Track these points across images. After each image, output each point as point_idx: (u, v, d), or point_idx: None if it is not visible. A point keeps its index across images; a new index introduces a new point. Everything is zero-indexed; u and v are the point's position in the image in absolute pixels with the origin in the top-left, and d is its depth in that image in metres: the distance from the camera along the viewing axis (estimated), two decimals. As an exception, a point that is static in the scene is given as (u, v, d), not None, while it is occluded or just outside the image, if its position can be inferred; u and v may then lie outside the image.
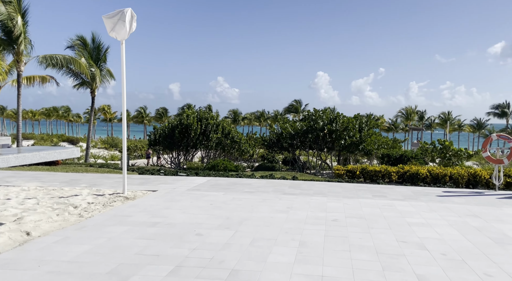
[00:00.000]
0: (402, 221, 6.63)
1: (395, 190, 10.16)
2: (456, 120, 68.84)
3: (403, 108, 68.74)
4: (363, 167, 12.40)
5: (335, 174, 12.69)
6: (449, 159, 20.80)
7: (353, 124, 20.34)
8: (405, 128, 68.55)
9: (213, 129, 21.02)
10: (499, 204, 8.40)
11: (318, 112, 21.04)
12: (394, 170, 12.03)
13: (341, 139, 19.85)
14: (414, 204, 8.15)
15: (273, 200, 8.35)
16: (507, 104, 62.77)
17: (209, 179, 11.54)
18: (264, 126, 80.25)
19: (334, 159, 24.90)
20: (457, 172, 11.51)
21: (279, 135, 21.59)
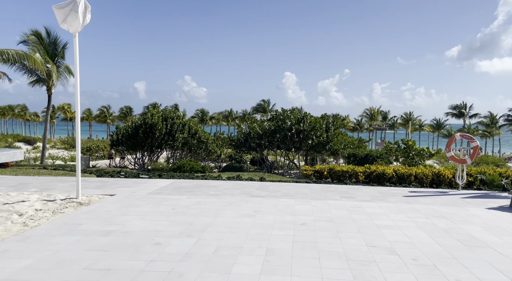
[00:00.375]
0: (371, 224, 6.47)
1: (363, 190, 10.08)
2: (417, 121, 71.35)
3: (367, 109, 70.45)
4: (331, 167, 12.30)
5: (303, 175, 12.51)
6: (412, 158, 21.27)
7: (320, 124, 20.36)
8: (369, 128, 70.23)
9: (179, 129, 20.40)
10: (464, 204, 8.46)
11: (286, 112, 20.90)
12: (361, 170, 12.00)
13: (309, 139, 19.80)
14: (382, 205, 8.05)
15: (240, 203, 8.00)
16: (464, 105, 65.68)
17: (172, 181, 11.02)
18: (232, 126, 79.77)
19: (302, 159, 24.90)
20: (422, 172, 11.62)
21: (247, 135, 21.28)
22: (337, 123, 22.23)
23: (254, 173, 15.00)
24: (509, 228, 6.34)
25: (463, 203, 8.47)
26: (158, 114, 19.75)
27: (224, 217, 6.79)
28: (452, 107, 66.08)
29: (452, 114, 65.73)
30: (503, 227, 6.39)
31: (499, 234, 5.95)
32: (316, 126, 19.99)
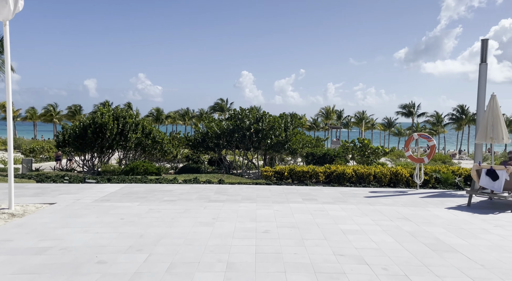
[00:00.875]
0: (336, 229, 6.16)
1: (324, 191, 9.85)
2: (370, 120, 73.88)
3: (323, 108, 71.90)
4: (291, 168, 12.01)
5: (263, 176, 12.13)
6: (367, 157, 21.66)
7: (279, 123, 20.16)
8: (325, 127, 71.72)
9: (132, 129, 19.31)
10: (424, 204, 8.44)
11: (245, 111, 20.48)
12: (321, 170, 11.82)
13: (267, 139, 19.53)
14: (345, 208, 7.81)
15: (197, 210, 7.42)
16: (412, 105, 68.90)
17: (123, 186, 10.19)
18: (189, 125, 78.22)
19: (261, 158, 24.63)
20: (380, 171, 11.64)
21: (204, 135, 20.62)
22: (296, 123, 22.17)
23: (212, 175, 14.43)
24: (471, 229, 6.29)
25: (423, 203, 8.46)
26: (108, 113, 18.56)
27: (179, 226, 6.20)
28: (402, 106, 69.10)
29: (402, 113, 68.72)
30: (465, 228, 6.33)
31: (463, 236, 5.86)
32: (275, 125, 19.77)
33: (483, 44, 10.27)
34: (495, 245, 5.39)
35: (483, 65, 10.24)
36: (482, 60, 10.24)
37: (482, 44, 10.29)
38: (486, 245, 5.37)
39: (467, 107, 67.47)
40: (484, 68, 10.22)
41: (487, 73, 10.21)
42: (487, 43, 10.25)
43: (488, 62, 10.32)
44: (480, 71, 10.25)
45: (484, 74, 10.19)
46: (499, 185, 7.65)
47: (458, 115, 67.36)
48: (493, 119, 9.55)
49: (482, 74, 10.20)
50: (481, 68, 10.25)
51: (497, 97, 9.56)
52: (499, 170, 7.68)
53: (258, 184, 11.32)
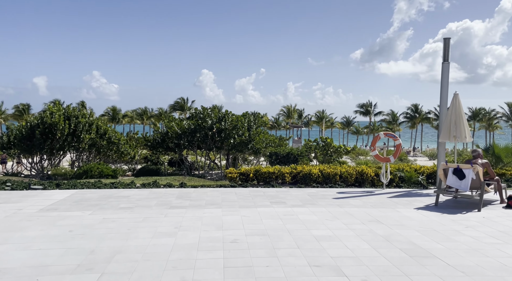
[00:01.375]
0: (309, 235, 5.79)
1: (292, 193, 9.51)
2: (330, 118, 75.31)
3: (284, 107, 72.37)
4: (257, 169, 11.59)
5: (228, 178, 11.61)
6: (330, 155, 21.76)
7: (242, 123, 19.72)
8: (286, 126, 72.22)
9: (85, 129, 18.10)
10: (392, 204, 8.31)
11: (207, 110, 19.83)
12: (287, 171, 11.49)
13: (230, 138, 19.04)
14: (314, 211, 7.49)
15: (157, 218, 6.79)
16: (369, 104, 71.01)
17: (73, 192, 9.30)
18: (147, 124, 75.87)
19: (223, 158, 24.08)
20: (346, 171, 11.50)
21: (164, 134, 19.74)
22: (259, 122, 21.82)
23: (173, 177, 13.71)
24: (443, 231, 6.16)
25: (392, 204, 8.32)
26: (59, 113, 17.23)
27: (137, 238, 5.57)
28: (360, 106, 71.04)
29: (360, 112, 70.60)
30: (438, 230, 6.18)
31: (437, 239, 5.68)
32: (238, 125, 19.30)
33: (445, 43, 10.35)
34: (471, 248, 5.24)
35: (445, 64, 10.33)
36: (444, 59, 10.33)
37: (444, 43, 10.37)
38: (462, 249, 5.20)
39: (421, 106, 70.60)
40: (446, 67, 10.31)
41: (449, 72, 10.31)
42: (449, 42, 10.34)
43: (436, 63, 10.47)
44: (443, 70, 10.34)
45: (447, 73, 10.28)
46: (465, 184, 7.64)
47: (412, 114, 70.27)
48: (456, 118, 9.64)
49: (445, 73, 10.29)
50: (444, 67, 10.34)
51: (450, 96, 9.66)
52: (466, 169, 7.68)
53: (222, 186, 10.80)
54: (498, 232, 6.02)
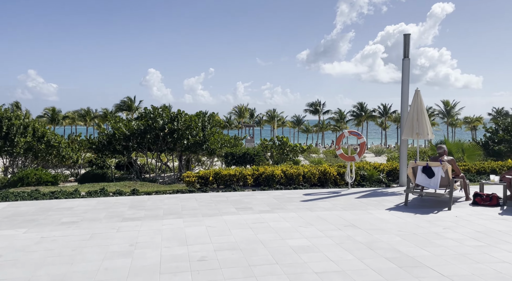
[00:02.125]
0: (285, 247, 5.21)
1: (257, 197, 8.90)
2: (281, 117, 75.96)
3: (236, 106, 71.81)
4: (216, 172, 10.84)
5: (185, 182, 10.74)
6: (286, 154, 21.51)
7: (196, 122, 18.85)
8: (238, 126, 71.72)
9: (19, 132, 16.24)
10: (363, 205, 7.98)
11: (157, 110, 18.66)
12: (249, 173, 10.87)
13: (184, 139, 18.10)
14: (285, 216, 6.93)
15: (108, 234, 5.86)
16: (318, 103, 72.57)
17: (5, 205, 7.99)
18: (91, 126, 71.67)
19: (176, 160, 23.00)
20: (309, 171, 11.12)
21: (111, 136, 18.31)
22: (213, 122, 21.05)
23: (123, 183, 12.56)
24: (423, 234, 5.86)
25: (361, 205, 7.99)
26: (-13, 114, 15.26)
27: (85, 261, 4.66)
28: (309, 104, 72.36)
29: (309, 111, 71.90)
30: (417, 233, 5.88)
31: (420, 244, 5.35)
32: (191, 125, 18.41)
33: (405, 39, 10.27)
34: (458, 253, 4.94)
35: (405, 60, 10.26)
36: (404, 55, 10.25)
37: (404, 39, 10.29)
38: (449, 255, 4.88)
39: (366, 104, 73.38)
40: (406, 64, 10.24)
41: (409, 69, 10.24)
42: (409, 38, 10.26)
43: (376, 64, 10.44)
44: (403, 66, 10.26)
45: (407, 70, 10.22)
46: (435, 182, 7.50)
47: (358, 112, 72.86)
48: (418, 115, 9.58)
49: (405, 70, 10.22)
50: (404, 64, 10.27)
51: (385, 96, 9.65)
52: (435, 166, 7.53)
53: (180, 191, 9.94)
54: (476, 233, 5.83)
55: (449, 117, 74.34)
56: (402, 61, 10.29)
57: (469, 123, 75.66)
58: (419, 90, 9.71)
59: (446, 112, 74.55)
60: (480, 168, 13.32)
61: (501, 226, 6.15)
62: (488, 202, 7.60)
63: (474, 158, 14.16)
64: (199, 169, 22.94)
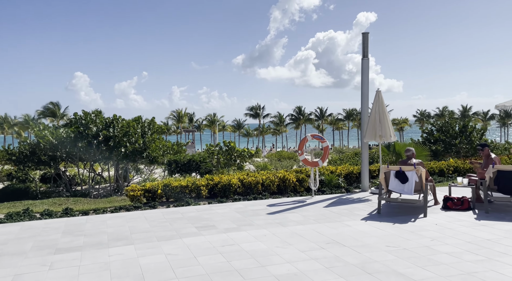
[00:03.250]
0: (269, 277, 4.31)
1: (217, 211, 7.88)
2: (221, 122, 74.90)
3: (174, 111, 69.30)
4: (166, 183, 9.61)
5: (129, 197, 9.36)
6: (234, 160, 20.62)
7: (135, 128, 17.27)
8: (177, 131, 69.26)
9: None
10: (335, 216, 7.35)
11: (90, 116, 16.75)
12: (203, 183, 9.79)
13: (121, 147, 16.43)
14: (256, 235, 6.04)
15: (37, 274, 4.51)
16: (258, 106, 72.75)
17: None
18: (9, 134, 64.62)
19: (112, 169, 21.02)
20: (268, 178, 10.35)
21: (34, 146, 16.08)
22: (154, 127, 19.54)
23: (51, 200, 10.78)
24: (414, 249, 5.31)
25: (334, 216, 7.35)
26: None
27: (6, 324, 3.36)
28: (249, 108, 72.28)
29: (250, 115, 71.75)
30: (407, 248, 5.31)
31: (418, 263, 4.76)
32: (129, 131, 16.80)
33: (364, 38, 9.92)
34: (464, 272, 4.40)
35: (365, 60, 9.92)
36: (363, 54, 9.90)
37: (363, 38, 9.94)
38: (456, 275, 4.32)
39: (304, 108, 75.06)
40: (366, 63, 9.89)
41: (369, 69, 9.91)
42: (367, 37, 9.93)
43: (308, 69, 10.12)
44: (363, 66, 9.91)
45: (367, 70, 9.88)
46: (409, 188, 7.10)
47: (296, 115, 74.30)
48: (381, 117, 9.26)
49: (365, 70, 9.87)
50: (363, 64, 9.92)
51: (316, 100, 9.36)
52: (409, 171, 7.13)
53: (124, 208, 8.59)
54: (467, 244, 5.41)
55: (379, 120, 78.61)
56: (361, 61, 9.94)
57: (397, 124, 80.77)
58: (380, 91, 9.42)
59: (377, 114, 78.74)
60: (429, 168, 13.55)
61: (487, 234, 5.83)
62: (460, 206, 7.39)
63: (422, 159, 14.42)
64: (138, 178, 21.25)
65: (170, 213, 7.83)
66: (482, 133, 21.88)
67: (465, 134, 21.04)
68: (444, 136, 21.44)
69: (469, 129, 20.97)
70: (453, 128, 21.43)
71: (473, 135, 21.13)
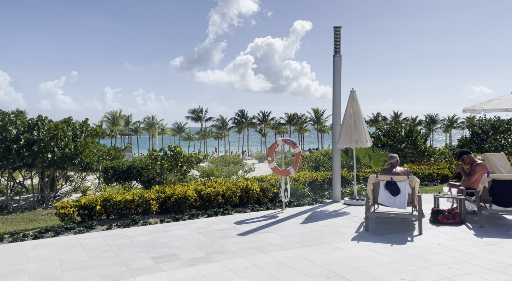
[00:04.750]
0: None
1: (174, 233, 6.39)
2: (160, 125, 71.52)
3: (108, 113, 64.67)
4: (107, 198, 7.84)
5: (59, 215, 7.46)
6: (181, 167, 18.92)
7: (65, 131, 15.00)
8: (111, 134, 64.65)
9: None
10: (319, 236, 6.24)
11: (8, 116, 14.15)
12: (153, 196, 8.18)
13: (48, 152, 14.16)
14: (234, 268, 4.70)
15: None
16: (200, 109, 70.67)
17: None
18: None
19: (35, 177, 18.25)
20: (229, 188, 9.03)
21: None
22: (88, 130, 17.24)
23: (-48, 221, 8.43)
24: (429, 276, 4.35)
25: (317, 235, 6.24)
26: None
27: None
28: (191, 111, 69.88)
29: (191, 118, 69.38)
30: (420, 279, 4.34)
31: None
32: (58, 134, 14.52)
33: (336, 33, 8.98)
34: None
35: (336, 57, 8.99)
36: (335, 51, 8.98)
37: (335, 33, 8.98)
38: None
39: (246, 112, 74.38)
40: (338, 61, 8.96)
41: (341, 67, 9.00)
42: (339, 31, 9.00)
43: (247, 74, 9.23)
44: (334, 64, 8.98)
45: (339, 67, 8.95)
46: (401, 201, 6.21)
47: (239, 119, 73.36)
48: (356, 120, 8.41)
49: (337, 68, 8.94)
50: (335, 61, 8.98)
51: (255, 104, 8.56)
52: (401, 181, 6.25)
53: (52, 231, 6.74)
54: (492, 272, 4.56)
55: (318, 124, 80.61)
56: (333, 58, 9.01)
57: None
58: (355, 91, 8.58)
59: (316, 119, 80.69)
60: (390, 174, 13.16)
61: (502, 256, 5.05)
62: (452, 219, 6.67)
63: (380, 164, 14.03)
64: (67, 187, 18.75)
65: (114, 237, 6.18)
66: (426, 138, 22.47)
67: (411, 139, 21.40)
68: (392, 141, 21.59)
69: (415, 134, 21.37)
70: (400, 133, 21.72)
71: (418, 140, 21.55)
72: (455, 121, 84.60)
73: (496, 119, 23.12)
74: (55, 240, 6.15)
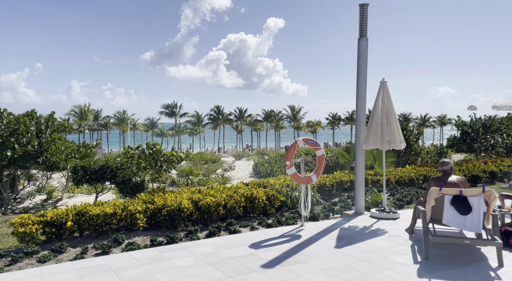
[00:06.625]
0: None
1: (175, 263, 4.74)
2: (132, 120, 68.36)
3: (76, 106, 60.91)
4: (80, 211, 6.06)
5: (17, 235, 5.62)
6: (161, 166, 17.09)
7: (27, 126, 13.15)
8: (79, 129, 60.96)
9: None
10: (373, 269, 4.75)
11: (-43, 104, 11.98)
12: (139, 209, 6.47)
13: (7, 149, 12.40)
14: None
15: None
16: (175, 105, 68.10)
17: None
18: None
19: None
20: (232, 198, 7.43)
21: None
22: (54, 125, 15.19)
23: None
24: None
25: (370, 269, 4.75)
26: None
27: None
28: (165, 106, 67.18)
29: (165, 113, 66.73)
30: None
31: None
32: (19, 129, 12.63)
33: (362, 11, 7.41)
34: None
35: (362, 41, 7.42)
36: (361, 34, 7.44)
37: (361, 11, 7.43)
38: None
39: (222, 108, 72.45)
40: (364, 45, 7.38)
41: (367, 53, 7.49)
42: (366, 9, 7.41)
43: (220, 70, 7.83)
44: (360, 49, 7.40)
45: (365, 53, 7.39)
46: (473, 222, 4.79)
47: (215, 115, 71.32)
48: (388, 116, 7.01)
49: (362, 53, 7.39)
50: (361, 45, 7.42)
51: (228, 101, 7.19)
52: (473, 196, 4.87)
53: (8, 256, 4.94)
54: None
55: (295, 121, 79.76)
56: (357, 42, 7.51)
57: (311, 127, 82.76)
58: (386, 82, 7.17)
59: (293, 116, 79.77)
60: (399, 178, 11.98)
61: None
62: (524, 241, 5.37)
63: (386, 166, 12.79)
64: (31, 187, 16.61)
65: (93, 273, 4.45)
66: (418, 137, 21.65)
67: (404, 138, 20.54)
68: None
69: (408, 133, 20.45)
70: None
71: (411, 139, 20.67)
72: (427, 120, 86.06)
73: (487, 118, 22.62)
74: (11, 276, 4.37)
